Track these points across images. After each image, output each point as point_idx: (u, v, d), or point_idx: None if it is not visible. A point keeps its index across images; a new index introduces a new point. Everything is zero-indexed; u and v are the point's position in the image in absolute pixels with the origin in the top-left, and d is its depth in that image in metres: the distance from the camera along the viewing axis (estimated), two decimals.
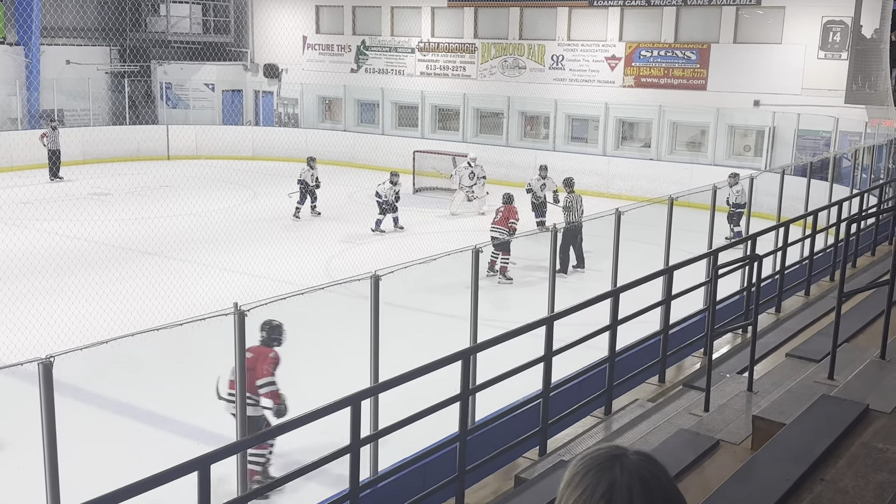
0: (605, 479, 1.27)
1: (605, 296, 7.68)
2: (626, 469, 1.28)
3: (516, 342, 6.84)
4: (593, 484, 1.27)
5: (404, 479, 6.54)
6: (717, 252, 8.77)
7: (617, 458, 1.30)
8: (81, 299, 12.97)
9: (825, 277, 11.57)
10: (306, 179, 20.32)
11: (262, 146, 30.11)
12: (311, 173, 20.37)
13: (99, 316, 11.21)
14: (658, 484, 1.29)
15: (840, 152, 18.99)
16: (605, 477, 1.27)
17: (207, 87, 31.41)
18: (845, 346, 7.01)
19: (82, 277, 14.03)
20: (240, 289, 11.83)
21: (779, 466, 4.55)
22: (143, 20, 31.27)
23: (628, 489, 1.26)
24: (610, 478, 1.27)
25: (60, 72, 28.44)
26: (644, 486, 1.27)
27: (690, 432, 5.94)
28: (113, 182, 22.86)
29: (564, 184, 17.24)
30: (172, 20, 31.21)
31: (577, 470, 1.31)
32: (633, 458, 1.30)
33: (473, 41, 28.16)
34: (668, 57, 24.85)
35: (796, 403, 5.65)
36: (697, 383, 7.41)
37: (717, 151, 24.12)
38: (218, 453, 4.81)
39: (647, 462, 1.30)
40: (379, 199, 19.02)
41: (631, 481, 1.26)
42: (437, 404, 6.22)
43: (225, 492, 5.79)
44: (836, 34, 22.22)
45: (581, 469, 1.30)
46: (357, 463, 5.50)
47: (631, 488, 1.26)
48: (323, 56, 31.21)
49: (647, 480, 1.28)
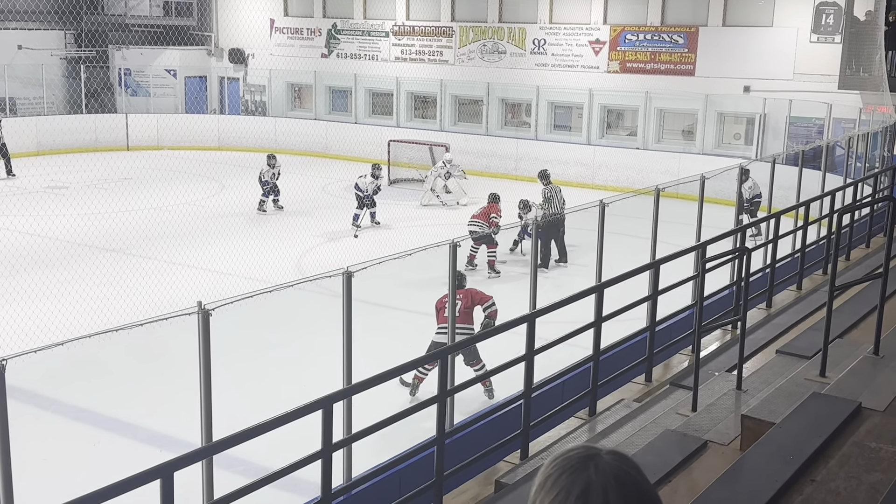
0: (579, 480, 1.29)
1: (590, 291, 7.72)
2: (601, 469, 1.30)
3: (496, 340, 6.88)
4: (567, 486, 1.29)
5: (380, 486, 6.56)
6: (705, 245, 8.83)
7: (591, 458, 1.32)
8: (37, 299, 12.88)
9: (818, 271, 11.68)
10: (267, 180, 20.31)
11: (228, 136, 29.98)
12: (271, 173, 20.31)
13: (56, 317, 11.13)
14: (633, 483, 1.31)
15: (833, 140, 19.16)
16: (579, 478, 1.30)
17: (169, 74, 31.20)
18: (838, 341, 7.09)
19: (38, 276, 13.93)
20: (206, 287, 11.79)
21: (768, 467, 4.61)
22: (99, 2, 30.96)
23: (604, 490, 1.29)
24: (584, 479, 1.29)
25: (12, 57, 28.14)
26: (619, 486, 1.29)
27: (677, 433, 5.99)
28: (70, 175, 22.64)
29: (540, 176, 17.35)
30: (131, 2, 30.95)
31: (549, 472, 1.33)
32: (606, 458, 1.32)
33: (451, 24, 28.17)
34: (655, 41, 24.97)
35: (786, 402, 5.71)
36: (685, 382, 7.47)
37: (705, 140, 24.30)
38: (182, 460, 4.80)
39: (621, 461, 1.33)
40: (358, 192, 18.99)
41: (606, 482, 1.29)
42: (415, 406, 6.26)
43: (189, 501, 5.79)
44: (829, 17, 22.42)
45: (554, 471, 1.32)
46: (329, 469, 5.51)
47: (606, 489, 1.29)
48: (292, 40, 31.10)
49: (622, 480, 1.30)
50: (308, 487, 6.51)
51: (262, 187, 20.37)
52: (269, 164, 20.39)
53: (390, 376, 5.98)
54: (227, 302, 5.86)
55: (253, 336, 11.48)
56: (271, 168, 20.34)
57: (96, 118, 28.84)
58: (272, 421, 5.20)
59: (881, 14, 21.16)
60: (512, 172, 25.54)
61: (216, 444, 5.39)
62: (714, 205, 13.07)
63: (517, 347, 7.00)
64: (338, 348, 6.94)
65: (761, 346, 8.38)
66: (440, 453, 6.17)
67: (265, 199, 20.30)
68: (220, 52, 32.02)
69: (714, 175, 11.64)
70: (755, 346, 8.26)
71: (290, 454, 5.47)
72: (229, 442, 5.06)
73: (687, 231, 11.04)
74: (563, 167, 24.29)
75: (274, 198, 20.54)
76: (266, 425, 5.17)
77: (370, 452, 7.41)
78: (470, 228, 15.82)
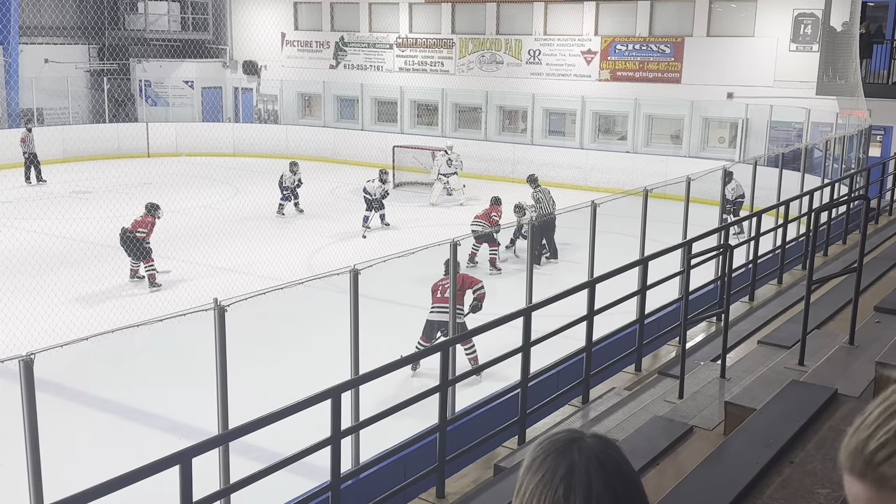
0: (563, 462, 1.30)
1: (582, 286, 7.72)
2: (584, 452, 1.31)
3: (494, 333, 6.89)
4: (552, 467, 1.30)
5: (385, 470, 6.57)
6: (691, 242, 8.83)
7: (574, 441, 1.33)
8: (63, 297, 12.91)
9: (797, 266, 11.68)
10: (288, 185, 20.33)
11: (243, 143, 29.99)
12: (292, 179, 20.36)
13: (81, 313, 11.16)
14: (614, 464, 1.32)
15: (812, 143, 19.14)
16: (563, 460, 1.30)
17: (187, 85, 31.22)
18: (815, 332, 7.09)
19: (65, 275, 13.95)
20: (221, 284, 11.81)
21: (749, 450, 4.61)
22: (121, 18, 31.01)
23: (586, 471, 1.29)
24: (568, 461, 1.30)
25: (39, 71, 28.19)
26: (601, 467, 1.30)
27: (665, 419, 6.00)
28: (94, 180, 22.68)
29: (529, 180, 17.43)
30: (151, 18, 30.98)
31: (536, 455, 1.34)
32: (589, 442, 1.33)
33: (451, 37, 28.16)
34: (643, 51, 24.95)
35: (767, 389, 5.72)
36: (672, 371, 7.48)
37: (691, 143, 24.28)
38: (199, 447, 4.81)
39: (602, 444, 1.34)
40: (367, 195, 18.99)
41: (588, 463, 1.30)
42: (418, 396, 6.26)
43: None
44: (807, 27, 22.39)
45: (540, 453, 1.33)
46: (338, 454, 5.52)
47: (589, 469, 1.30)
48: (302, 52, 31.10)
49: (603, 462, 1.31)
50: (318, 472, 6.52)
51: (283, 192, 20.36)
52: (292, 170, 20.37)
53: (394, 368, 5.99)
54: (242, 298, 5.87)
55: (266, 330, 11.50)
56: (293, 174, 20.35)
57: (118, 127, 28.87)
58: (284, 410, 5.21)
59: (856, 24, 21.13)
60: (509, 175, 25.51)
61: (232, 432, 5.40)
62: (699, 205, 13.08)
63: (514, 339, 7.01)
64: (345, 341, 6.95)
65: (744, 336, 8.38)
66: (442, 439, 6.18)
67: (284, 203, 20.31)
68: (234, 64, 32.02)
69: (699, 177, 11.63)
70: (738, 337, 8.27)
71: (302, 441, 5.48)
72: (244, 430, 5.07)
73: (674, 229, 11.04)
74: (557, 170, 24.30)
75: (295, 201, 20.54)
76: (278, 414, 5.18)
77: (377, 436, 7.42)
78: (473, 228, 15.82)
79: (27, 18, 27.85)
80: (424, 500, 6.12)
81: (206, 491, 4.95)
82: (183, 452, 4.56)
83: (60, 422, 8.97)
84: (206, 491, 4.95)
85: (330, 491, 5.53)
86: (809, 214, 11.27)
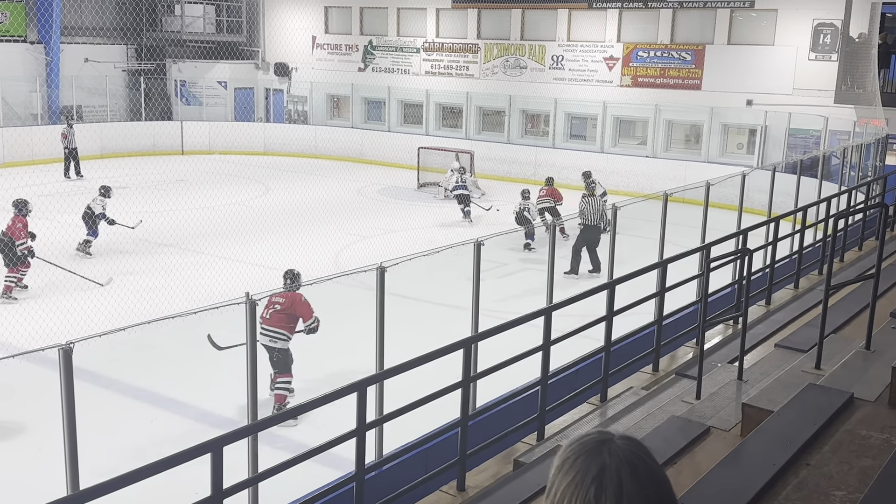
0: (594, 463, 1.29)
1: (602, 288, 7.69)
2: (615, 453, 1.30)
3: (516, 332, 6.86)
4: (584, 469, 1.29)
5: (408, 463, 6.57)
6: (709, 246, 8.77)
7: (605, 443, 1.32)
8: (101, 288, 13.02)
9: (814, 271, 11.56)
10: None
11: (273, 142, 30.13)
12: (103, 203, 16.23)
13: (118, 304, 11.26)
14: (645, 466, 1.31)
15: (829, 150, 18.94)
16: (594, 462, 1.29)
17: (220, 85, 31.40)
18: (832, 337, 7.02)
19: (101, 267, 14.08)
20: (252, 279, 11.86)
21: (766, 452, 4.57)
22: (158, 20, 31.24)
23: (617, 472, 1.28)
24: (599, 462, 1.29)
25: (79, 69, 28.47)
26: (632, 469, 1.29)
27: (682, 419, 5.96)
28: (130, 176, 22.88)
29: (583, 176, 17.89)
30: (187, 20, 31.19)
31: (567, 456, 1.33)
32: (619, 443, 1.32)
33: (476, 41, 28.11)
34: (665, 57, 24.79)
35: (784, 392, 5.66)
36: (690, 372, 7.43)
37: (710, 149, 24.09)
38: (230, 436, 4.83)
39: (633, 446, 1.33)
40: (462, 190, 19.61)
41: (619, 465, 1.29)
42: (440, 391, 6.25)
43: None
44: (826, 36, 22.15)
45: (571, 455, 1.32)
46: (363, 446, 5.53)
47: (620, 471, 1.28)
48: (331, 55, 31.18)
49: (633, 464, 1.30)
50: (343, 462, 6.53)
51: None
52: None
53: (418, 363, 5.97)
54: (273, 293, 5.89)
55: None
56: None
57: (154, 125, 29.09)
58: (311, 402, 5.23)
59: (874, 35, 20.90)
60: (531, 177, 25.42)
61: (261, 422, 5.43)
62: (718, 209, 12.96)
63: (535, 338, 6.98)
64: (370, 336, 6.96)
65: (761, 339, 8.31)
66: (463, 434, 6.17)
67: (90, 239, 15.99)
68: (266, 65, 32.17)
69: (719, 181, 11.55)
70: (755, 340, 8.20)
71: (328, 432, 5.49)
72: (273, 420, 5.09)
73: (692, 233, 10.96)
74: (577, 173, 24.08)
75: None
76: (305, 406, 5.19)
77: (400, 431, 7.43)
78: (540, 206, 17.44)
79: (69, 19, 28.11)
80: (445, 492, 6.11)
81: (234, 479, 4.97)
82: (215, 441, 4.58)
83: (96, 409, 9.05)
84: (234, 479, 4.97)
85: (354, 481, 5.53)
86: (827, 220, 11.17)
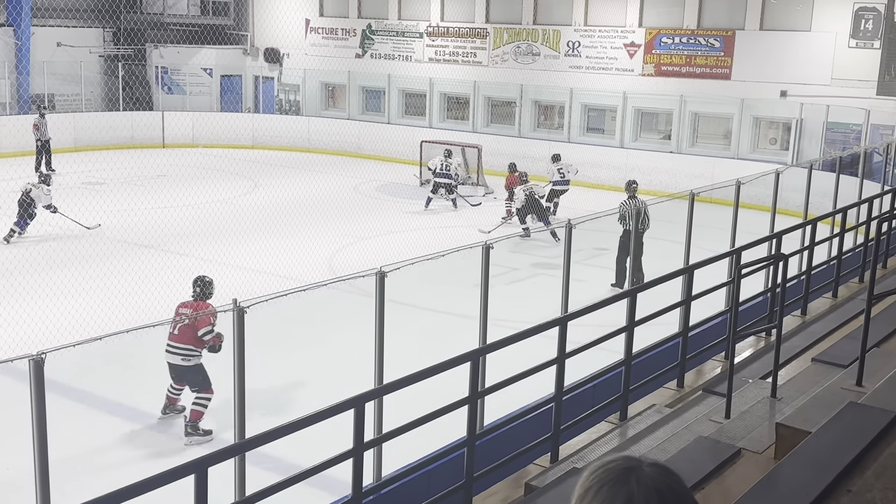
0: (621, 493, 1.28)
1: (622, 296, 7.68)
2: (643, 482, 1.28)
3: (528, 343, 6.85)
4: (609, 499, 1.28)
5: (409, 486, 6.56)
6: (740, 251, 8.75)
7: (632, 470, 1.30)
8: (74, 294, 13.03)
9: (854, 278, 11.53)
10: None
11: (263, 134, 30.19)
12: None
13: (92, 312, 11.26)
14: (675, 496, 1.29)
15: (871, 146, 18.92)
16: (621, 491, 1.28)
17: (205, 72, 31.48)
18: (874, 350, 7.00)
19: (75, 271, 14.10)
20: (239, 284, 11.86)
21: (803, 476, 4.56)
22: (138, 1, 31.33)
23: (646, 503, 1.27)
24: (627, 492, 1.28)
25: (52, 54, 28.53)
26: (661, 500, 1.28)
27: (710, 440, 5.95)
28: (106, 171, 22.92)
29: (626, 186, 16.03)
30: (169, 1, 31.28)
31: (590, 484, 1.31)
32: (648, 471, 1.30)
33: (485, 26, 28.15)
34: (691, 44, 24.79)
35: (822, 411, 5.64)
36: (718, 388, 7.41)
37: (741, 144, 24.07)
38: (215, 456, 4.83)
39: (662, 474, 1.31)
40: (447, 179, 20.35)
41: (648, 495, 1.27)
42: (445, 407, 6.24)
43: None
44: (868, 22, 22.12)
45: (594, 483, 1.31)
46: (360, 468, 5.52)
47: (649, 502, 1.27)
48: (326, 40, 31.24)
49: (663, 493, 1.28)
50: (337, 486, 6.53)
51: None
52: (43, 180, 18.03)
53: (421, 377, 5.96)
54: (263, 300, 5.89)
55: (286, 333, 11.54)
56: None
57: (133, 115, 29.17)
58: (304, 419, 5.22)
59: None
60: (544, 174, 25.44)
61: (249, 441, 5.43)
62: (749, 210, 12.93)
63: (549, 350, 6.98)
64: (368, 346, 6.95)
65: (796, 353, 8.29)
66: (470, 455, 6.17)
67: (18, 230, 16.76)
68: (255, 51, 32.24)
69: (750, 180, 11.53)
70: (790, 354, 8.17)
71: (322, 452, 5.48)
72: (262, 439, 5.09)
73: (721, 236, 10.95)
74: (595, 170, 24.19)
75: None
76: (298, 423, 5.19)
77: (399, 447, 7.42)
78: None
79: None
80: None
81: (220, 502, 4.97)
82: (199, 461, 4.58)
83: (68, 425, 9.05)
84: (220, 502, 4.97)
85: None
86: (868, 223, 11.14)
